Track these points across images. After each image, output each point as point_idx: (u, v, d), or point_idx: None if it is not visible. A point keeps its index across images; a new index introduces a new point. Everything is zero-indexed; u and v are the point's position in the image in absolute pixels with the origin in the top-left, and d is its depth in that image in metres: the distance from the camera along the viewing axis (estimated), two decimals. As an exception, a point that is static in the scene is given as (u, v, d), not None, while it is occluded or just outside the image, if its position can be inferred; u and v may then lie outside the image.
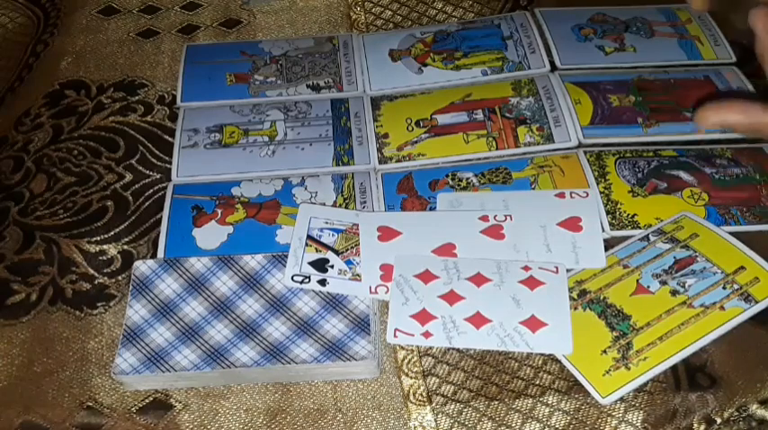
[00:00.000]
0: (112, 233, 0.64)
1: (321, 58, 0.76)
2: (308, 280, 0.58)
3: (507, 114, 0.69)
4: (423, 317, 0.56)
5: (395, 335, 0.55)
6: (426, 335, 0.55)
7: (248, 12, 0.82)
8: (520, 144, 0.67)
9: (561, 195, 0.63)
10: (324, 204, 0.64)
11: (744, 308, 0.55)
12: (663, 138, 0.68)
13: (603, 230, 0.61)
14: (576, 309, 0.56)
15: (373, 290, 0.57)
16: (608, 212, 0.62)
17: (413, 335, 0.55)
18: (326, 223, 0.61)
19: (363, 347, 0.55)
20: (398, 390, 0.55)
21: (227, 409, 0.54)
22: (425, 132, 0.69)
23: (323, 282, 0.58)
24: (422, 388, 0.54)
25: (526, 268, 0.58)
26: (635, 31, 0.77)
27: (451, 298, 0.56)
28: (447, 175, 0.65)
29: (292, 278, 0.58)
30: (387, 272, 0.58)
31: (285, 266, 0.59)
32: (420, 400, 0.54)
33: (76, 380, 0.56)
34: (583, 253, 0.59)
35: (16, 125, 0.72)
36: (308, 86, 0.73)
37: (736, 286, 0.56)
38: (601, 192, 0.63)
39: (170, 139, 0.70)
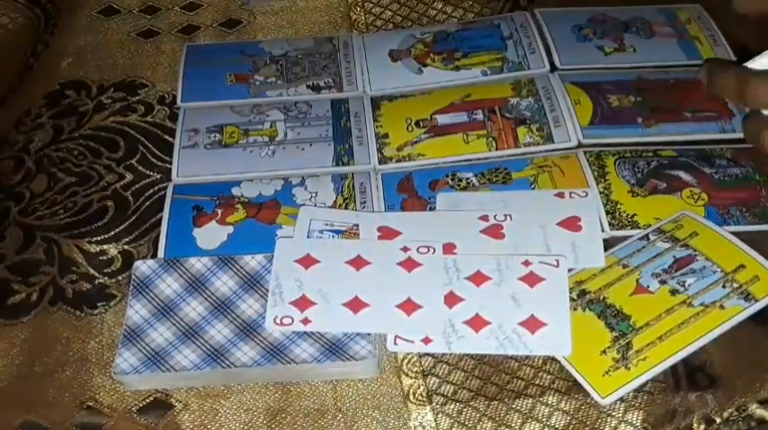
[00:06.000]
0: (113, 233, 0.64)
1: (321, 59, 0.76)
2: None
3: (507, 114, 0.69)
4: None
5: (395, 343, 0.55)
6: (426, 341, 0.55)
7: (248, 12, 0.82)
8: (520, 144, 0.67)
9: (561, 195, 0.63)
10: (324, 204, 0.64)
11: (744, 306, 0.55)
12: (663, 139, 0.68)
13: (603, 230, 0.61)
14: (575, 309, 0.56)
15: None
16: (608, 212, 0.62)
17: (413, 342, 0.55)
18: (326, 225, 0.61)
19: (363, 347, 0.55)
20: (398, 390, 0.55)
21: (227, 409, 0.54)
22: (425, 132, 0.69)
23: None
24: (422, 387, 0.55)
25: (526, 263, 0.58)
26: (635, 31, 0.77)
27: (451, 299, 0.56)
28: (447, 175, 0.65)
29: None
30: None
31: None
32: (420, 400, 0.54)
33: (77, 380, 0.56)
34: (582, 253, 0.59)
35: (17, 125, 0.72)
36: (308, 87, 0.73)
37: (735, 285, 0.56)
38: (600, 192, 0.63)
39: (170, 139, 0.70)
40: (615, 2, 0.80)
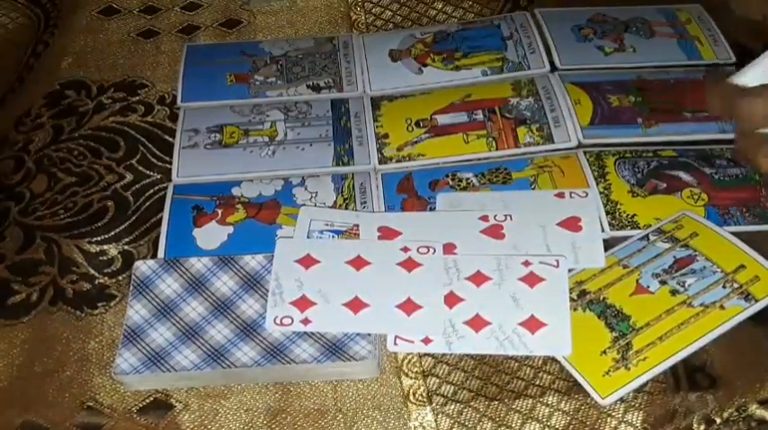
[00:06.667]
0: (113, 233, 0.64)
1: (321, 59, 0.76)
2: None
3: (507, 115, 0.69)
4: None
5: (395, 343, 0.55)
6: (426, 341, 0.55)
7: (248, 12, 0.82)
8: (520, 144, 0.67)
9: (561, 195, 0.63)
10: (324, 204, 0.64)
11: (744, 307, 0.55)
12: (662, 139, 0.68)
13: (603, 230, 0.61)
14: (575, 309, 0.56)
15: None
16: (608, 212, 0.62)
17: (413, 342, 0.55)
18: (326, 225, 0.61)
19: (363, 347, 0.55)
20: (398, 390, 0.55)
21: (227, 409, 0.54)
22: (425, 132, 0.69)
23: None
24: (422, 388, 0.55)
25: (526, 263, 0.58)
26: (635, 31, 0.77)
27: (451, 299, 0.56)
28: (447, 176, 0.65)
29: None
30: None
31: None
32: (420, 400, 0.54)
33: (77, 380, 0.56)
34: (582, 253, 0.59)
35: (17, 125, 0.72)
36: (308, 87, 0.73)
37: (735, 285, 0.56)
38: (600, 193, 0.63)
39: (170, 140, 0.70)
40: (615, 2, 0.80)
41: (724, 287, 0.56)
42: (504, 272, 0.57)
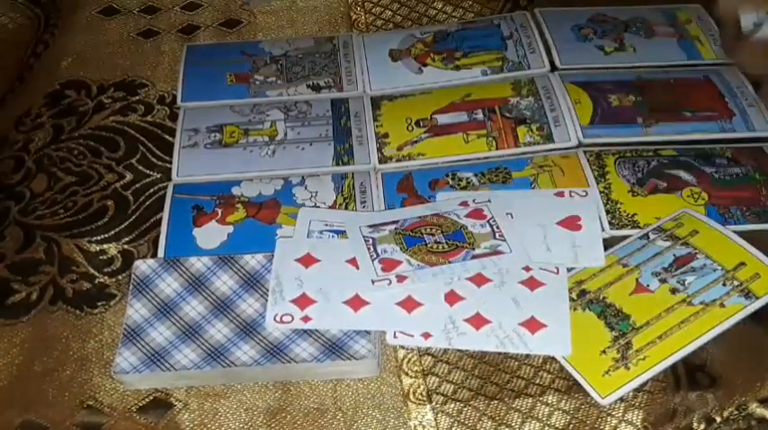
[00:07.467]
0: (113, 232, 0.64)
1: (321, 58, 0.76)
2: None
3: (507, 114, 0.69)
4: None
5: (395, 336, 0.55)
6: (426, 336, 0.55)
7: (248, 12, 0.82)
8: (520, 144, 0.67)
9: (561, 194, 0.63)
10: (324, 204, 0.64)
11: (744, 304, 0.55)
12: (663, 138, 0.68)
13: (603, 230, 0.61)
14: (575, 309, 0.56)
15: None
16: (608, 212, 0.62)
17: (412, 336, 0.55)
18: (326, 225, 0.61)
19: (363, 346, 0.55)
20: (398, 389, 0.55)
21: (227, 408, 0.54)
22: (425, 132, 0.69)
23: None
24: (422, 387, 0.54)
25: (527, 268, 0.58)
26: (634, 31, 0.77)
27: (452, 298, 0.56)
28: (447, 175, 0.65)
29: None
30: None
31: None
32: (420, 399, 0.54)
33: (77, 379, 0.56)
34: (582, 252, 0.59)
35: (17, 125, 0.72)
36: (308, 86, 0.73)
37: (736, 282, 0.56)
38: (600, 192, 0.63)
39: (170, 139, 0.70)
40: (615, 2, 0.80)
41: (724, 285, 0.56)
42: (505, 275, 0.57)
